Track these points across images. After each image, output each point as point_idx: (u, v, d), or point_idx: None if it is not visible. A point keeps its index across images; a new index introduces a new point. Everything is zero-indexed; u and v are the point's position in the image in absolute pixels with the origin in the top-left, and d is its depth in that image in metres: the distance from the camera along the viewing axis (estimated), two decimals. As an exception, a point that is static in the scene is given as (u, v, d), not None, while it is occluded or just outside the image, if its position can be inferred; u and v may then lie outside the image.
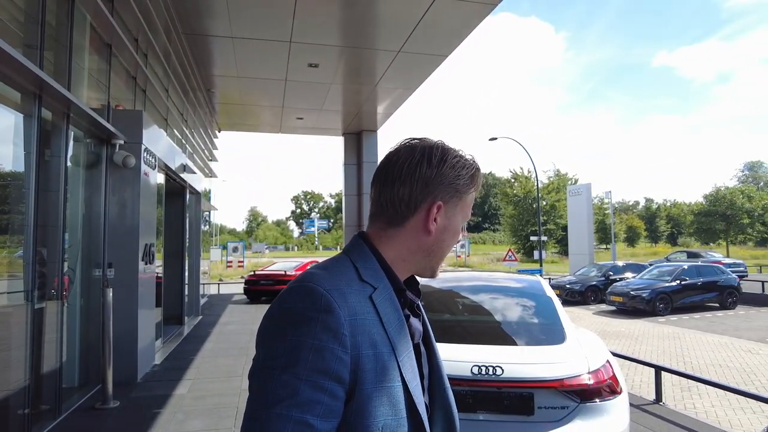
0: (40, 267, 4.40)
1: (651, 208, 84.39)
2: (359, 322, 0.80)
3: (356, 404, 0.78)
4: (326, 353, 0.76)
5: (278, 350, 0.77)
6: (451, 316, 3.89)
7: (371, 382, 0.79)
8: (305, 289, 0.80)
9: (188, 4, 7.67)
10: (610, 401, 2.88)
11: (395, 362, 0.83)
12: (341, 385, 0.76)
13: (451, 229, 0.95)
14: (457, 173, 0.93)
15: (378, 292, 0.87)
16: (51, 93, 4.09)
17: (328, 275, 0.84)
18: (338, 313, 0.78)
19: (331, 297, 0.79)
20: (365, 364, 0.79)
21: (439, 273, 0.99)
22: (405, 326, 0.89)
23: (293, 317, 0.78)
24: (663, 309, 13.72)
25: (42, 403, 4.46)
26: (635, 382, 6.87)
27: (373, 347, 0.80)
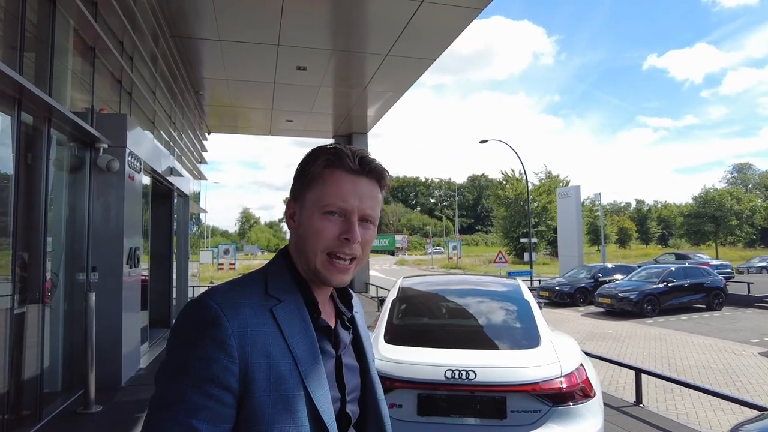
0: (21, 271, 4.38)
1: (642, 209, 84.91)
2: (250, 334, 0.83)
3: (247, 411, 0.81)
4: (212, 363, 0.80)
5: (172, 360, 0.83)
6: (430, 320, 3.93)
7: (263, 390, 0.82)
8: (199, 303, 0.86)
9: (175, 7, 7.68)
10: (583, 404, 2.92)
11: (296, 372, 0.85)
12: (228, 392, 0.80)
13: (304, 224, 0.92)
14: (298, 168, 0.96)
15: (283, 305, 0.89)
16: (31, 98, 4.09)
17: (228, 290, 0.88)
18: (225, 325, 0.82)
19: (220, 311, 0.83)
20: (255, 373, 0.82)
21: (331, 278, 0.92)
22: (313, 338, 0.90)
23: (186, 329, 0.84)
24: (650, 311, 13.84)
25: (22, 409, 4.45)
26: (618, 384, 6.94)
27: (266, 357, 0.83)
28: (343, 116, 14.68)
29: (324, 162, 0.92)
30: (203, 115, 14.18)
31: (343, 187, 0.91)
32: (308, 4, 7.75)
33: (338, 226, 0.91)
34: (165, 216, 9.68)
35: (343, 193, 0.90)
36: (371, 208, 0.93)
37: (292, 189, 0.97)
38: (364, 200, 0.92)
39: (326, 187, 0.91)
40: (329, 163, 0.92)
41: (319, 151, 0.94)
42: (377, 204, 0.95)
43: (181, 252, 10.91)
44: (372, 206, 0.94)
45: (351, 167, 0.92)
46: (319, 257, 0.91)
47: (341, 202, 0.90)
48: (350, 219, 0.91)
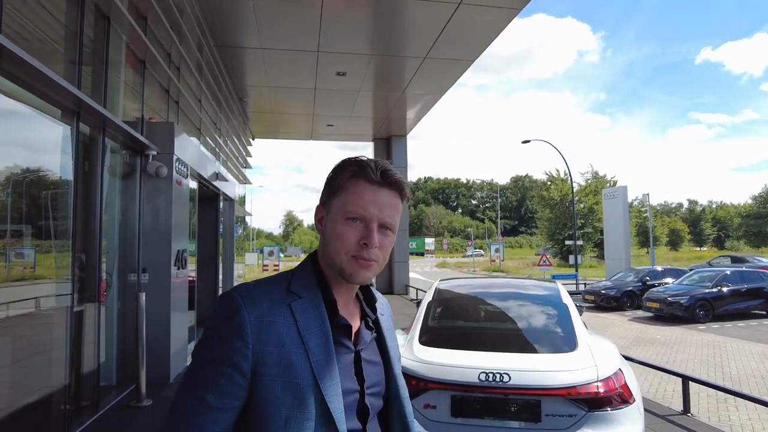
0: (80, 272, 4.68)
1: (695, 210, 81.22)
2: (266, 323, 0.94)
3: (258, 391, 0.92)
4: (227, 346, 0.92)
5: (200, 342, 0.97)
6: (465, 322, 3.93)
7: (273, 375, 0.92)
8: (225, 295, 0.98)
9: (219, 19, 7.98)
10: (620, 410, 2.86)
11: (307, 362, 0.94)
12: (238, 372, 0.91)
13: (330, 228, 1.02)
14: (328, 176, 1.05)
15: (302, 301, 0.99)
16: (88, 110, 4.36)
17: (253, 285, 1.00)
18: (243, 314, 0.93)
19: (241, 301, 0.95)
20: (267, 359, 0.92)
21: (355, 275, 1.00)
22: (328, 333, 0.98)
23: (213, 317, 0.97)
24: (703, 316, 13.22)
25: (82, 400, 4.74)
26: (666, 391, 6.69)
27: (279, 346, 0.93)
28: (382, 119, 14.81)
29: (350, 172, 1.01)
30: (247, 121, 14.60)
31: (364, 196, 0.99)
32: (347, 11, 7.90)
33: (359, 231, 0.99)
34: (211, 219, 10.05)
35: (364, 202, 0.99)
36: (390, 217, 1.01)
37: (322, 195, 1.06)
38: (384, 209, 1.00)
39: (350, 196, 1.00)
40: (354, 173, 1.01)
41: (346, 163, 1.03)
42: (396, 213, 1.03)
43: (227, 254, 11.27)
44: (391, 215, 1.01)
45: (373, 179, 1.00)
46: (343, 258, 0.99)
47: (362, 210, 0.99)
48: (370, 226, 0.99)
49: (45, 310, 4.40)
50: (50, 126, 4.29)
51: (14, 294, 3.98)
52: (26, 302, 4.16)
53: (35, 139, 4.22)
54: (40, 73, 3.39)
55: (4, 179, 3.66)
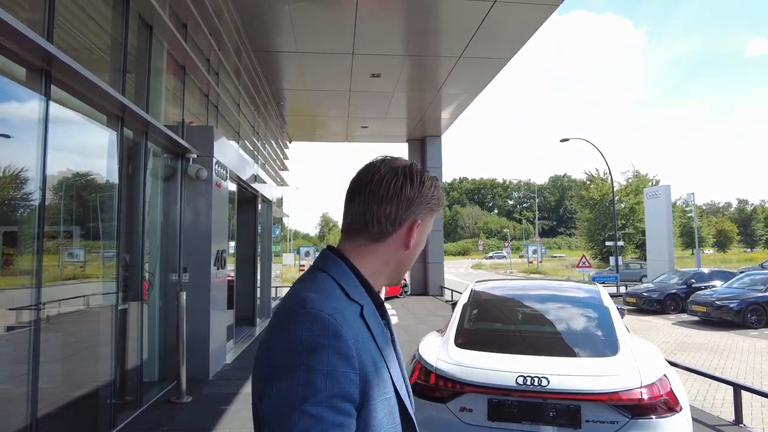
0: (124, 271, 4.86)
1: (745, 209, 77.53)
2: (361, 342, 0.84)
3: (363, 419, 0.82)
4: (340, 378, 0.78)
5: (294, 383, 0.77)
6: (501, 325, 3.87)
7: (376, 395, 0.84)
8: (311, 315, 0.82)
9: (256, 24, 8.14)
10: (666, 419, 2.75)
11: (388, 373, 0.89)
12: (353, 404, 0.80)
13: (420, 244, 1.03)
14: (433, 193, 1.02)
15: (365, 309, 0.92)
16: (132, 115, 4.52)
17: (324, 298, 0.86)
18: (345, 337, 0.81)
19: (336, 322, 0.82)
20: (371, 380, 0.83)
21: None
22: (388, 338, 0.95)
23: (304, 347, 0.79)
24: (756, 321, 12.58)
25: (126, 395, 4.92)
26: (716, 400, 6.39)
27: (373, 363, 0.85)
28: (416, 120, 14.77)
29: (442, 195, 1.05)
30: (284, 124, 14.84)
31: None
32: (381, 13, 7.91)
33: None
34: (250, 220, 10.25)
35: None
36: None
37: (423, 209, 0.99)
38: None
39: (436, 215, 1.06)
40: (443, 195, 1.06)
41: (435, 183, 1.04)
42: None
43: (265, 254, 11.47)
44: None
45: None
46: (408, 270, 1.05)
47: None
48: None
49: (93, 308, 4.58)
50: (97, 131, 4.47)
51: (66, 292, 4.16)
52: (76, 300, 4.35)
53: (83, 144, 4.41)
54: (88, 81, 3.53)
55: (56, 183, 3.83)
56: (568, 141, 26.60)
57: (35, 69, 3.22)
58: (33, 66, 3.20)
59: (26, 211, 3.43)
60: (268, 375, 0.81)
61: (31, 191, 3.34)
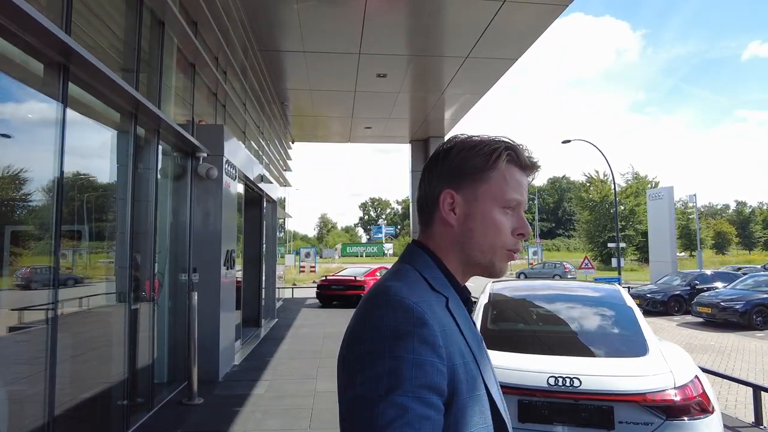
0: (135, 271, 4.79)
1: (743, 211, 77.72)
2: (448, 333, 0.80)
3: (454, 415, 0.77)
4: (427, 367, 0.74)
5: (378, 372, 0.73)
6: (525, 325, 3.82)
7: (465, 392, 0.78)
8: (394, 302, 0.78)
9: (263, 22, 8.07)
10: (700, 420, 2.70)
11: (478, 370, 0.83)
12: (442, 397, 0.75)
13: (476, 216, 0.90)
14: (465, 157, 0.91)
15: (450, 301, 0.87)
16: (145, 112, 4.46)
17: (408, 288, 0.83)
18: (431, 324, 0.77)
19: (421, 309, 0.78)
20: (459, 374, 0.78)
21: (502, 270, 0.93)
22: (477, 333, 0.90)
23: (388, 334, 0.76)
24: (761, 323, 12.56)
25: (138, 396, 4.85)
26: (729, 401, 6.35)
27: (461, 357, 0.80)
28: (420, 121, 14.71)
29: (507, 157, 0.91)
30: (288, 124, 14.78)
31: (522, 182, 0.93)
32: (389, 12, 7.86)
33: (511, 220, 0.92)
34: (256, 220, 10.20)
35: (522, 189, 0.92)
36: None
37: (454, 178, 0.92)
38: (527, 195, 0.95)
39: (508, 183, 0.91)
40: (511, 159, 0.92)
41: (496, 143, 0.92)
42: None
43: (270, 255, 11.41)
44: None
45: (526, 164, 0.93)
46: (498, 252, 0.91)
47: (520, 196, 0.92)
48: (521, 214, 0.93)
49: (105, 308, 4.52)
50: (110, 129, 4.41)
51: (78, 292, 4.10)
52: (87, 300, 4.28)
53: (96, 141, 4.35)
54: (105, 76, 3.48)
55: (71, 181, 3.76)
56: (569, 143, 26.58)
57: (53, 64, 3.17)
58: (51, 61, 3.14)
59: (43, 210, 3.37)
60: (352, 364, 0.77)
61: (49, 190, 3.28)
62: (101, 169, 4.44)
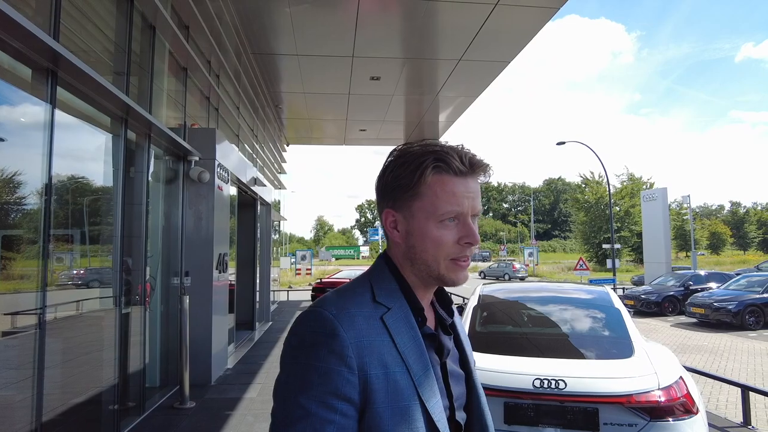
0: (126, 275, 4.79)
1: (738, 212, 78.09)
2: (366, 344, 0.82)
3: (367, 422, 0.80)
4: (333, 375, 0.79)
5: (293, 374, 0.81)
6: (513, 327, 3.83)
7: (382, 401, 0.81)
8: (314, 314, 0.84)
9: (256, 26, 8.09)
10: (684, 421, 2.72)
11: (410, 381, 0.84)
12: (351, 404, 0.79)
13: (415, 233, 0.89)
14: (396, 175, 0.90)
15: (391, 312, 0.88)
16: (135, 116, 4.47)
17: (339, 299, 0.88)
18: (343, 336, 0.81)
19: (336, 321, 0.82)
20: (374, 384, 0.81)
21: (456, 279, 0.90)
22: (421, 345, 0.88)
23: (304, 342, 0.83)
24: (753, 323, 12.64)
25: (129, 401, 4.84)
26: (719, 402, 6.39)
27: (383, 367, 0.82)
28: (414, 123, 14.75)
29: (433, 169, 0.87)
30: (282, 127, 14.78)
31: (456, 191, 0.87)
32: (381, 16, 7.89)
33: (455, 230, 0.89)
34: (249, 224, 10.19)
35: (458, 198, 0.87)
36: (479, 204, 0.91)
37: (390, 197, 0.92)
38: (475, 199, 0.90)
39: (440, 196, 0.87)
40: (438, 169, 0.87)
41: (421, 156, 0.88)
42: (480, 197, 0.93)
43: (264, 258, 11.41)
44: (480, 202, 0.91)
45: (461, 170, 0.88)
46: (443, 264, 0.89)
47: (457, 207, 0.87)
48: (466, 221, 0.89)
49: (95, 312, 4.51)
50: (100, 133, 4.41)
51: (68, 296, 4.09)
52: (79, 304, 4.28)
53: (86, 146, 4.35)
54: (94, 81, 3.48)
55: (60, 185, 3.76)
56: (564, 144, 26.68)
57: (41, 69, 3.17)
58: (39, 66, 3.14)
59: (31, 215, 3.37)
60: (281, 364, 0.85)
61: (37, 194, 3.28)
62: (92, 173, 4.44)
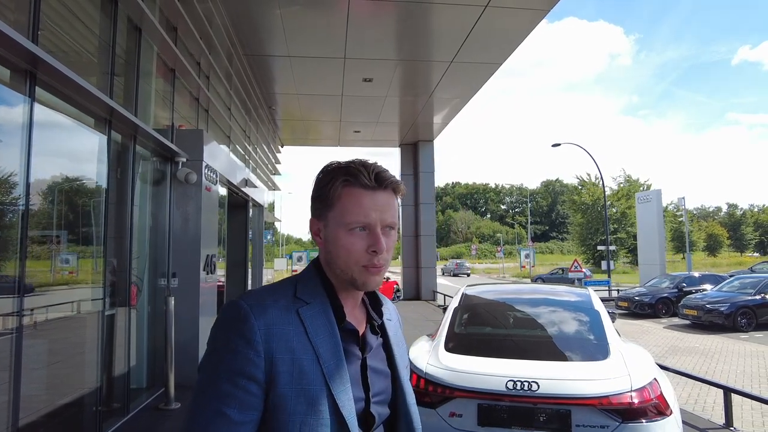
0: (112, 276, 4.79)
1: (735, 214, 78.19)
2: (275, 331, 0.92)
3: (272, 400, 0.90)
4: (240, 356, 0.89)
5: (208, 353, 0.94)
6: (492, 329, 3.85)
7: (286, 382, 0.90)
8: (232, 304, 0.95)
9: (247, 27, 8.11)
10: (656, 422, 2.74)
11: (318, 369, 0.93)
12: (254, 382, 0.89)
13: (332, 241, 0.99)
14: (316, 188, 1.02)
15: (309, 307, 0.98)
16: (120, 119, 4.47)
17: (260, 292, 0.99)
18: (252, 323, 0.91)
19: (249, 310, 0.92)
20: (279, 367, 0.90)
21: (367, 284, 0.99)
22: (336, 338, 0.97)
23: (220, 326, 0.94)
24: (745, 324, 12.66)
25: (113, 402, 4.84)
26: (706, 403, 6.41)
27: (290, 353, 0.92)
28: (409, 125, 14.78)
29: (342, 182, 0.97)
30: (276, 129, 14.79)
31: (363, 204, 0.96)
32: (372, 17, 7.92)
33: (364, 239, 0.97)
34: (241, 225, 10.19)
35: (364, 210, 0.96)
36: (392, 217, 0.99)
37: (313, 208, 1.03)
38: (385, 211, 0.98)
39: (348, 206, 0.96)
40: (347, 182, 0.97)
41: (334, 171, 0.99)
42: (395, 211, 1.01)
43: (256, 259, 11.40)
44: (392, 214, 0.99)
45: (368, 184, 0.97)
46: (354, 269, 0.98)
47: (364, 218, 0.96)
48: (374, 231, 0.97)
49: (79, 314, 4.51)
50: (84, 135, 4.41)
51: (52, 298, 4.09)
52: (63, 306, 4.27)
53: (69, 148, 4.34)
54: (74, 83, 3.49)
55: (42, 187, 3.77)
56: (559, 146, 26.73)
57: (19, 71, 3.17)
58: (17, 68, 3.15)
59: (9, 217, 3.37)
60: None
61: (15, 196, 3.28)
62: (75, 175, 4.44)
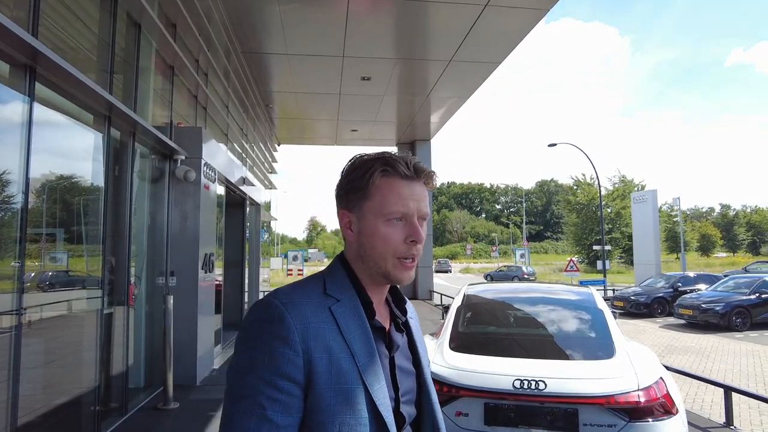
0: (110, 275, 4.74)
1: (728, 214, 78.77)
2: (312, 330, 0.90)
3: (312, 401, 0.88)
4: (279, 357, 0.87)
5: (243, 355, 0.90)
6: (497, 328, 3.83)
7: (325, 382, 0.88)
8: (264, 303, 0.93)
9: (245, 25, 8.06)
10: (663, 421, 2.73)
11: (354, 366, 0.91)
12: (295, 384, 0.87)
13: (366, 231, 0.98)
14: (350, 179, 1.01)
15: (340, 303, 0.96)
16: (119, 115, 4.42)
17: (290, 290, 0.96)
18: (288, 322, 0.89)
19: (284, 308, 0.90)
20: (317, 366, 0.88)
21: (400, 278, 0.98)
22: (368, 334, 0.96)
23: (253, 327, 0.91)
24: (740, 324, 12.73)
25: (111, 402, 4.79)
26: (704, 402, 6.42)
27: (327, 352, 0.90)
28: (406, 124, 14.75)
29: (381, 172, 0.97)
30: (273, 127, 14.73)
31: (402, 193, 0.97)
32: (372, 16, 7.88)
33: (402, 230, 0.97)
34: (238, 224, 10.13)
35: (403, 200, 0.97)
36: (426, 207, 1.00)
37: (345, 200, 1.02)
38: (421, 201, 0.99)
39: (387, 196, 0.97)
40: (386, 172, 0.97)
41: (371, 162, 0.99)
42: (429, 202, 1.03)
43: (253, 258, 11.35)
44: (426, 204, 1.00)
45: (406, 174, 0.98)
46: (390, 261, 0.97)
47: (402, 207, 0.96)
48: (412, 222, 0.98)
49: (77, 313, 4.46)
50: (83, 131, 4.36)
51: (50, 297, 4.04)
52: (60, 304, 4.22)
53: (68, 144, 4.29)
54: (74, 78, 3.44)
55: (40, 184, 3.72)
56: (555, 146, 26.79)
57: (19, 65, 3.13)
58: (16, 62, 3.10)
59: (8, 214, 3.32)
60: (235, 347, 0.93)
61: (13, 193, 3.23)
62: (74, 172, 4.39)
